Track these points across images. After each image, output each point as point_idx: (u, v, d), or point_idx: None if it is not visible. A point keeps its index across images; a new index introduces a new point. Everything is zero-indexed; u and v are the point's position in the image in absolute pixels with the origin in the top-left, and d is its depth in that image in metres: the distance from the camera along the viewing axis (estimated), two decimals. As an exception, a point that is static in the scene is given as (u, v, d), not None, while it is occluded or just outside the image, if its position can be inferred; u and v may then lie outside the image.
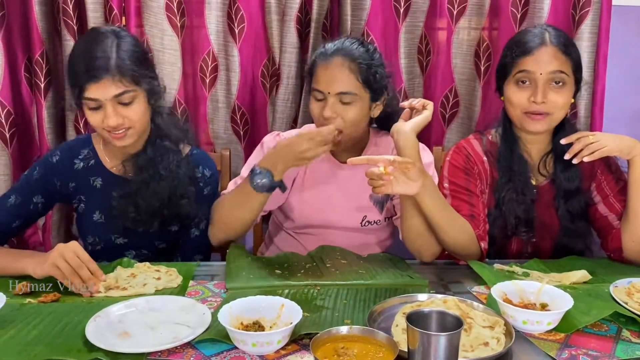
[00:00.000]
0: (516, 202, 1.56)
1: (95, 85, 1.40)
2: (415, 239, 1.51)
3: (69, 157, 1.58)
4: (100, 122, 1.44)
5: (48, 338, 1.12)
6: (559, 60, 1.49)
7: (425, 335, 0.92)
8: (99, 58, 1.40)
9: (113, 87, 1.41)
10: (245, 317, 1.13)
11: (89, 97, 1.41)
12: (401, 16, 2.04)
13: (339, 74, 1.50)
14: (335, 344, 0.99)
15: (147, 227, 1.54)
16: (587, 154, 1.47)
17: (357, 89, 1.50)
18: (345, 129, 1.52)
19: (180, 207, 1.55)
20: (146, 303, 1.24)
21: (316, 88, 1.53)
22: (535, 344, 1.12)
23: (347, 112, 1.51)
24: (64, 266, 1.28)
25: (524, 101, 1.50)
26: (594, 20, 1.99)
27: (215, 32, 2.03)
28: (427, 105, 1.50)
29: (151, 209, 1.52)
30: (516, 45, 1.53)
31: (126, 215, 1.52)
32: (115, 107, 1.43)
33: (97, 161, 1.59)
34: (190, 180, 1.56)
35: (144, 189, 1.51)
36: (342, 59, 1.51)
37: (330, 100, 1.50)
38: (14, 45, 2.00)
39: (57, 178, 1.57)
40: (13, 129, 2.02)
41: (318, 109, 1.53)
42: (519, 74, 1.50)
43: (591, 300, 1.25)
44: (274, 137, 1.69)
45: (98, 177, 1.58)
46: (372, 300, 1.30)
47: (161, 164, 1.52)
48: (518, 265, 1.48)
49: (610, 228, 1.55)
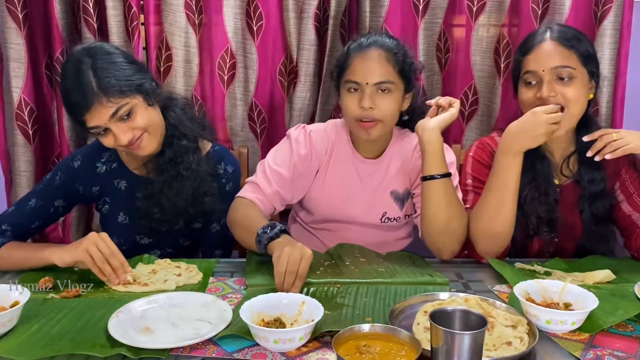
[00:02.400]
0: (538, 202, 1.54)
1: (89, 115, 1.39)
2: (438, 235, 1.50)
3: (91, 162, 1.59)
4: (114, 144, 1.44)
5: (71, 333, 1.13)
6: (560, 54, 1.47)
7: (450, 334, 0.91)
8: (80, 89, 1.38)
9: (105, 110, 1.39)
10: (266, 314, 1.13)
11: (90, 126, 1.41)
12: (420, 13, 2.02)
13: (377, 64, 1.51)
14: (357, 341, 0.99)
15: (172, 226, 1.55)
16: (610, 151, 1.45)
17: (394, 77, 1.52)
18: (384, 119, 1.53)
19: (204, 205, 1.55)
20: (167, 299, 1.25)
21: (352, 80, 1.53)
22: (559, 344, 1.11)
23: (385, 101, 1.52)
24: (96, 253, 1.30)
25: (532, 100, 1.48)
26: (616, 16, 1.96)
27: (233, 30, 2.04)
28: (453, 104, 1.52)
29: (175, 208, 1.52)
30: (520, 47, 1.54)
31: (151, 215, 1.53)
32: (119, 126, 1.41)
33: (119, 163, 1.59)
34: (212, 177, 1.56)
35: (167, 189, 1.51)
36: (379, 50, 1.52)
37: (368, 90, 1.51)
38: (36, 44, 2.02)
39: (80, 183, 1.58)
40: (35, 127, 2.04)
41: (354, 100, 1.53)
42: (525, 75, 1.50)
43: (616, 300, 1.23)
44: (300, 130, 1.68)
45: (122, 180, 1.59)
46: (392, 298, 1.29)
47: (182, 165, 1.52)
48: (539, 264, 1.47)
49: (634, 227, 1.53)
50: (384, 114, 1.52)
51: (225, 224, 1.60)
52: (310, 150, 1.63)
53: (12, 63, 1.97)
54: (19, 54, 1.97)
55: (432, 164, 1.48)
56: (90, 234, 1.34)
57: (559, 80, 1.46)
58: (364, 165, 1.67)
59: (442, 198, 1.48)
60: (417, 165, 1.63)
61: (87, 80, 1.38)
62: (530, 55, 1.49)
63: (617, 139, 1.45)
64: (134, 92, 1.43)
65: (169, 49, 2.03)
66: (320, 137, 1.66)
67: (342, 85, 1.57)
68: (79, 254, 1.31)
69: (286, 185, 1.60)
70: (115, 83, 1.39)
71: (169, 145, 1.53)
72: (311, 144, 1.64)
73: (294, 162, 1.61)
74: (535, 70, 1.47)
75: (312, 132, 1.66)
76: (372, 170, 1.66)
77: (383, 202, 1.66)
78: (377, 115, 1.52)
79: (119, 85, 1.40)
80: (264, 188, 1.57)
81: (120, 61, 1.45)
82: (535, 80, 1.48)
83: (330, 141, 1.66)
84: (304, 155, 1.62)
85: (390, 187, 1.66)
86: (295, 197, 1.66)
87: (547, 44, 1.48)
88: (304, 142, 1.64)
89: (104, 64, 1.41)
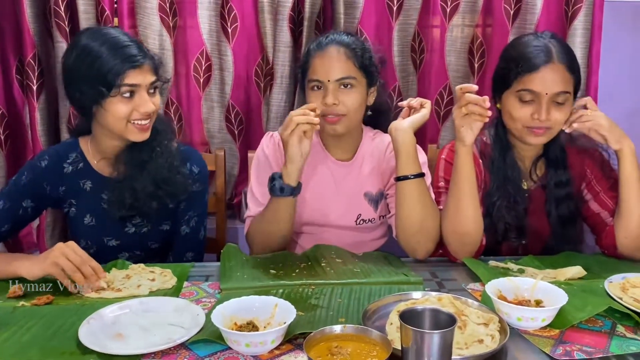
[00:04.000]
0: (507, 210, 1.55)
1: (135, 72, 1.41)
2: (412, 235, 1.51)
3: (58, 161, 1.57)
4: (128, 113, 1.43)
5: (41, 341, 1.11)
6: (565, 81, 1.45)
7: (419, 333, 0.91)
8: (137, 47, 1.43)
9: (149, 75, 1.45)
10: (239, 318, 1.13)
11: (127, 83, 1.41)
12: (394, 14, 2.03)
13: (337, 61, 1.53)
14: (329, 343, 0.99)
15: (145, 210, 1.53)
16: (579, 121, 1.46)
17: (355, 73, 1.54)
18: (349, 113, 1.55)
19: (176, 185, 1.54)
20: (140, 304, 1.23)
21: (314, 78, 1.55)
22: (530, 341, 1.12)
23: (348, 96, 1.54)
24: (65, 264, 1.28)
25: (527, 117, 1.47)
26: (586, 16, 2.00)
27: (208, 32, 2.03)
28: (425, 104, 1.53)
29: (147, 189, 1.51)
30: (520, 60, 1.47)
31: (123, 202, 1.51)
32: (147, 96, 1.45)
33: (85, 164, 1.58)
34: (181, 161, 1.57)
35: (137, 173, 1.51)
36: (337, 46, 1.55)
37: (331, 87, 1.53)
38: (6, 48, 1.99)
39: (47, 182, 1.56)
40: (7, 132, 2.02)
41: (318, 98, 1.54)
42: (522, 91, 1.46)
43: (586, 296, 1.24)
44: (268, 139, 1.70)
45: (87, 180, 1.57)
46: (367, 298, 1.30)
47: (154, 141, 1.52)
48: (513, 262, 1.48)
49: (603, 225, 1.55)
50: (347, 108, 1.54)
51: (194, 227, 1.60)
52: (279, 157, 1.64)
53: (-18, 68, 1.95)
54: (-11, 58, 1.94)
55: (406, 164, 1.49)
56: (57, 245, 1.32)
57: (555, 104, 1.46)
58: (338, 168, 1.68)
59: (416, 198, 1.49)
60: (389, 166, 1.64)
61: (140, 44, 1.46)
62: (535, 75, 1.44)
63: (590, 116, 1.46)
64: (162, 78, 1.52)
65: (143, 52, 2.01)
66: None
67: (306, 84, 1.58)
68: (48, 267, 1.29)
69: None
70: (159, 58, 1.51)
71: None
72: (280, 151, 1.64)
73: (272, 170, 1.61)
74: (539, 92, 1.44)
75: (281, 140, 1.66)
76: (346, 173, 1.67)
77: (357, 204, 1.66)
78: (342, 110, 1.54)
79: (158, 63, 1.49)
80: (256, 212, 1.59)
81: None
82: (533, 99, 1.46)
83: None
84: (275, 161, 1.64)
85: (363, 189, 1.67)
86: None
87: (554, 67, 1.44)
88: (272, 148, 1.66)
89: None
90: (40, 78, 1.98)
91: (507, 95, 1.50)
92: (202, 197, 1.62)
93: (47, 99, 2.02)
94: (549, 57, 1.45)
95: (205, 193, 1.64)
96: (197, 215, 1.60)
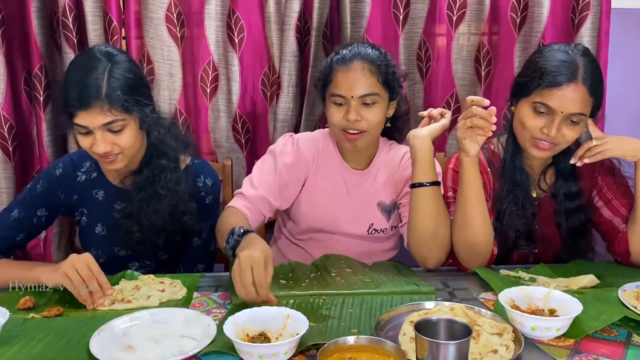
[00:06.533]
0: (517, 216, 1.54)
1: (85, 113, 1.37)
2: (425, 244, 1.50)
3: (72, 169, 1.58)
4: (89, 147, 1.42)
5: (52, 353, 1.11)
6: (584, 103, 1.42)
7: (434, 344, 0.91)
8: (89, 86, 1.37)
9: (101, 116, 1.37)
10: (250, 329, 1.12)
11: (78, 123, 1.39)
12: (400, 23, 2.04)
13: (361, 77, 1.52)
14: (342, 354, 0.98)
15: (152, 242, 1.54)
16: (588, 156, 1.46)
17: (378, 89, 1.53)
18: (370, 129, 1.55)
19: (183, 223, 1.54)
20: (150, 316, 1.23)
21: (337, 93, 1.53)
22: (544, 351, 1.11)
23: (371, 113, 1.53)
24: (74, 276, 1.28)
25: (536, 129, 1.45)
26: (593, 23, 1.99)
27: (215, 42, 2.03)
28: (445, 114, 1.54)
29: (154, 226, 1.51)
30: (544, 72, 1.43)
31: (130, 234, 1.52)
32: (104, 135, 1.40)
33: (99, 174, 1.58)
34: (190, 195, 1.55)
35: (145, 207, 1.50)
36: (362, 62, 1.53)
37: (354, 103, 1.52)
38: (15, 60, 2.00)
39: (61, 190, 1.57)
40: (15, 143, 2.02)
41: (340, 113, 1.54)
42: (539, 104, 1.44)
43: (600, 305, 1.23)
44: (287, 138, 1.68)
45: (100, 190, 1.57)
46: (378, 309, 1.29)
47: (159, 183, 1.50)
48: (524, 271, 1.47)
49: (616, 232, 1.54)
50: (369, 124, 1.54)
51: (206, 238, 1.59)
52: (297, 158, 1.64)
53: (-9, 79, 1.95)
54: (-3, 69, 1.95)
55: (422, 172, 1.49)
56: (71, 256, 1.31)
57: (569, 123, 1.44)
58: (352, 176, 1.67)
59: (430, 206, 1.48)
60: (403, 176, 1.64)
61: (98, 81, 1.37)
62: (556, 91, 1.41)
63: (597, 144, 1.46)
64: (135, 112, 1.42)
65: (150, 62, 2.02)
66: (308, 145, 1.66)
67: (328, 98, 1.57)
68: (59, 277, 1.29)
69: (273, 191, 1.59)
70: (122, 97, 1.39)
71: (147, 164, 1.52)
72: (298, 152, 1.64)
73: (279, 170, 1.61)
74: (555, 109, 1.41)
75: (300, 140, 1.67)
76: (360, 181, 1.67)
77: (370, 214, 1.66)
78: (364, 126, 1.54)
79: (125, 100, 1.39)
80: (249, 195, 1.56)
81: (135, 78, 1.45)
82: (547, 113, 1.44)
83: (317, 149, 1.67)
84: (289, 164, 1.62)
85: (377, 198, 1.66)
86: (283, 204, 1.65)
87: (577, 87, 1.40)
88: (290, 150, 1.64)
89: (120, 74, 1.41)
90: (47, 89, 1.99)
91: (523, 103, 1.48)
92: (213, 210, 1.62)
93: (54, 110, 2.02)
94: (573, 76, 1.41)
95: (217, 206, 1.64)
96: (208, 227, 1.59)
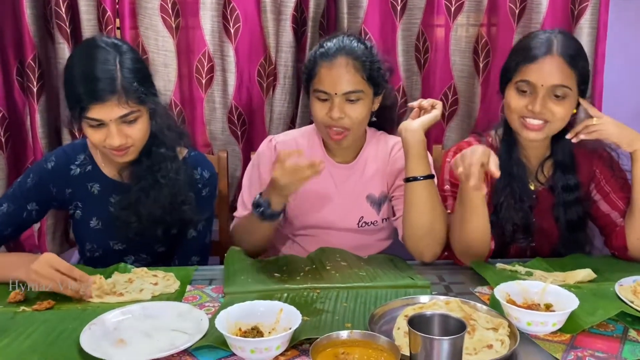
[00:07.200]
0: (514, 209, 1.53)
1: (99, 106, 1.34)
2: (420, 238, 1.48)
3: (65, 163, 1.55)
4: (101, 141, 1.39)
5: (42, 347, 1.10)
6: (563, 73, 1.43)
7: (428, 339, 0.89)
8: (103, 79, 1.34)
9: (118, 109, 1.35)
10: (243, 323, 1.11)
11: (92, 117, 1.36)
12: (398, 14, 2.01)
13: (345, 74, 1.48)
14: (335, 349, 0.97)
15: (150, 234, 1.52)
16: (585, 132, 1.45)
17: (362, 86, 1.50)
18: (353, 126, 1.52)
19: (182, 213, 1.52)
20: (142, 309, 1.21)
21: (320, 89, 1.50)
22: (540, 346, 1.10)
23: (355, 110, 1.50)
24: (47, 283, 1.25)
25: (522, 108, 1.45)
26: (592, 15, 1.97)
27: (210, 33, 2.01)
28: (436, 105, 1.50)
29: (152, 217, 1.49)
30: (522, 51, 1.47)
31: (129, 225, 1.50)
32: (119, 127, 1.37)
33: (94, 167, 1.55)
34: (189, 185, 1.53)
35: (144, 197, 1.48)
36: (346, 58, 1.49)
37: (337, 100, 1.49)
38: (6, 49, 1.97)
39: (53, 184, 1.54)
40: (8, 133, 2.00)
41: (323, 110, 1.51)
42: (520, 82, 1.45)
43: (596, 300, 1.22)
44: (267, 143, 1.69)
45: (95, 183, 1.55)
46: (373, 302, 1.27)
47: (159, 173, 1.48)
48: (521, 265, 1.46)
49: (613, 226, 1.53)
50: (353, 121, 1.51)
51: (201, 231, 1.58)
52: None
53: (-17, 69, 1.93)
54: (-11, 60, 1.93)
55: (416, 166, 1.47)
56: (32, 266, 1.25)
57: (553, 97, 1.44)
58: (338, 170, 1.65)
59: (425, 200, 1.46)
60: (394, 168, 1.62)
61: (111, 73, 1.34)
62: (533, 65, 1.43)
63: (596, 124, 1.44)
64: (147, 103, 1.41)
65: (145, 53, 1.99)
66: (289, 146, 1.65)
67: (311, 92, 1.55)
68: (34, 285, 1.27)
69: None
70: (137, 88, 1.37)
71: (147, 154, 1.49)
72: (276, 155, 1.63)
73: (263, 180, 1.61)
74: (535, 83, 1.43)
75: (278, 144, 1.66)
76: (347, 175, 1.65)
77: (359, 207, 1.64)
78: (347, 123, 1.51)
79: (140, 91, 1.38)
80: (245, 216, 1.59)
81: (143, 67, 1.44)
82: (529, 90, 1.45)
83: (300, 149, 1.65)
84: (268, 169, 1.61)
85: (366, 191, 1.65)
86: None
87: (553, 59, 1.42)
88: (268, 155, 1.65)
89: (130, 64, 1.39)
90: (41, 80, 1.96)
91: (508, 87, 1.49)
92: (210, 202, 1.61)
93: (48, 101, 2.00)
94: (548, 49, 1.44)
95: (213, 198, 1.63)
96: (204, 219, 1.58)
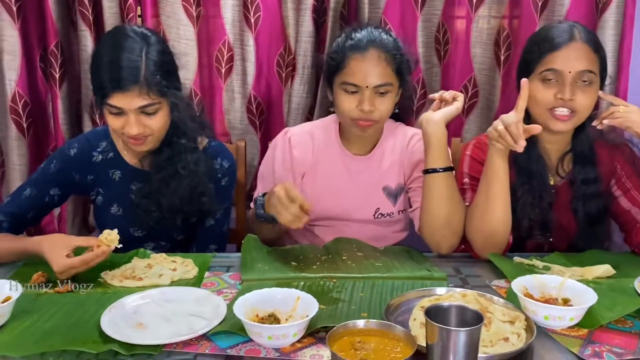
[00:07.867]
0: (531, 206, 1.51)
1: (121, 95, 1.36)
2: (438, 230, 1.48)
3: (88, 150, 1.57)
4: (120, 128, 1.41)
5: (63, 329, 1.12)
6: (589, 59, 1.42)
7: (445, 330, 0.90)
8: (127, 68, 1.35)
9: (138, 99, 1.36)
10: (260, 310, 1.12)
11: (112, 104, 1.38)
12: (419, 5, 2.00)
13: (377, 67, 1.48)
14: (352, 337, 0.98)
15: (169, 223, 1.54)
16: (610, 118, 1.44)
17: (392, 79, 1.51)
18: (381, 119, 1.53)
19: (202, 204, 1.54)
20: (161, 294, 1.23)
21: (350, 82, 1.49)
22: (557, 340, 1.09)
23: (383, 103, 1.51)
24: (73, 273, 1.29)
25: (550, 98, 1.43)
26: (618, 7, 1.93)
27: (231, 22, 2.01)
28: (457, 97, 1.49)
29: (173, 206, 1.51)
30: (543, 41, 1.45)
31: (149, 213, 1.52)
32: (138, 117, 1.39)
33: (115, 154, 1.57)
34: (208, 175, 1.54)
35: (164, 187, 1.50)
36: (378, 51, 1.49)
37: (367, 93, 1.48)
38: (30, 36, 2.00)
39: (76, 171, 1.56)
40: (30, 120, 2.03)
41: (352, 102, 1.50)
42: (545, 72, 1.43)
43: (615, 296, 1.21)
44: (281, 136, 1.69)
45: (117, 170, 1.57)
46: (389, 293, 1.28)
47: (179, 163, 1.49)
48: (538, 259, 1.45)
49: (634, 222, 1.51)
50: (381, 114, 1.52)
51: (219, 219, 1.59)
52: (288, 156, 1.65)
53: (6, 55, 1.95)
54: (13, 46, 1.95)
55: (436, 157, 1.46)
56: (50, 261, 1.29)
57: (580, 83, 1.42)
58: (354, 162, 1.65)
59: (444, 192, 1.46)
60: (412, 160, 1.62)
61: (136, 63, 1.36)
62: (558, 53, 1.41)
63: (622, 112, 1.43)
64: (169, 96, 1.42)
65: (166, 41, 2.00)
66: (302, 141, 1.65)
67: (338, 84, 1.53)
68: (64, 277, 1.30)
69: None
70: (160, 80, 1.38)
71: (168, 144, 1.50)
72: (290, 151, 1.65)
73: (275, 171, 1.64)
74: (561, 70, 1.41)
75: (292, 137, 1.66)
76: (363, 167, 1.65)
77: (375, 198, 1.64)
78: (376, 116, 1.51)
79: (162, 84, 1.39)
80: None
81: (169, 60, 1.45)
82: (556, 79, 1.43)
83: (315, 143, 1.66)
84: (281, 162, 1.64)
85: (382, 182, 1.65)
86: None
87: (578, 44, 1.42)
88: (281, 149, 1.66)
89: (156, 56, 1.40)
90: (63, 67, 1.99)
91: (531, 80, 1.46)
92: (229, 192, 1.63)
93: (69, 87, 2.03)
94: (571, 35, 1.43)
95: (232, 188, 1.64)
96: (223, 208, 1.59)
